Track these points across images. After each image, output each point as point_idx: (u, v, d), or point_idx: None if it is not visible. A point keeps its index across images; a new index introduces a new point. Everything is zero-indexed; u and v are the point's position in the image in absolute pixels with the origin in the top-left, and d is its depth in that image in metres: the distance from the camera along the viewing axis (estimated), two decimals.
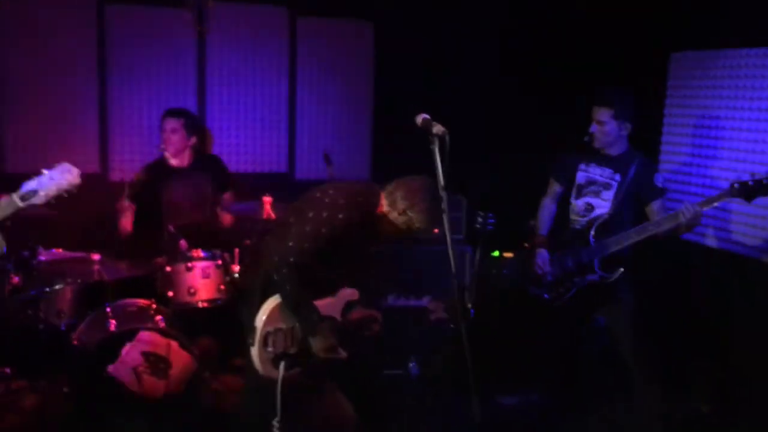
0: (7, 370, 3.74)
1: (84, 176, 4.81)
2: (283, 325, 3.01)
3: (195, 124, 4.63)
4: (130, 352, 3.48)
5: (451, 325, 2.62)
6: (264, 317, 2.97)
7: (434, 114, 4.63)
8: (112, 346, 3.47)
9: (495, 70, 5.43)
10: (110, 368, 3.44)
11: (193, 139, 4.55)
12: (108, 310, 3.75)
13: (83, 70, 4.90)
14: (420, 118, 2.52)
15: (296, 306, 2.97)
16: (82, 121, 4.92)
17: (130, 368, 3.47)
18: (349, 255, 3.12)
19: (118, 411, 3.45)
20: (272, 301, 2.99)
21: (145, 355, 3.51)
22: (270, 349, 2.96)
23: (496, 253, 4.85)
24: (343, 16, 5.49)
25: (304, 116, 5.50)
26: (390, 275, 4.64)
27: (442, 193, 2.38)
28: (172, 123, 4.43)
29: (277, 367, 2.95)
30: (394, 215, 2.99)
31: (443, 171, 2.39)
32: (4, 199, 2.18)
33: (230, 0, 5.10)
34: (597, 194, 3.88)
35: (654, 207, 3.72)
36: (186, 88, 5.15)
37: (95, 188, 4.84)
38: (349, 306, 3.15)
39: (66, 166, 2.27)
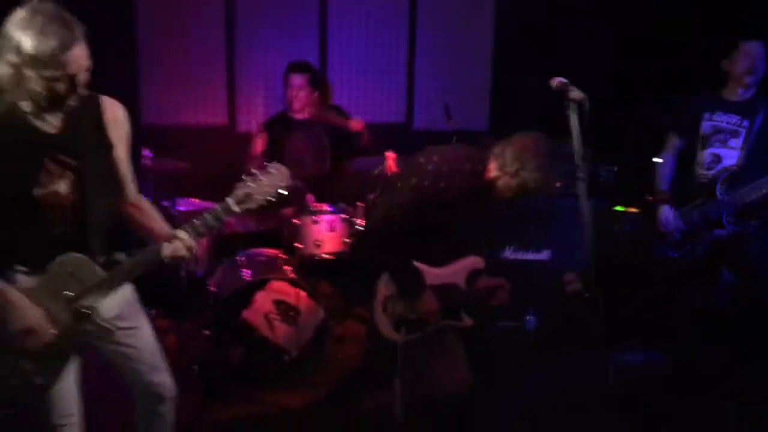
0: (153, 312, 4.05)
1: (213, 128, 5.12)
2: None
3: (318, 79, 4.71)
4: (263, 300, 3.68)
5: (586, 294, 2.55)
6: (384, 282, 3.02)
7: (556, 61, 4.51)
8: (246, 293, 3.68)
9: (623, 14, 5.17)
10: (244, 314, 3.66)
11: (317, 94, 4.63)
12: (241, 259, 3.97)
13: (212, 26, 5.05)
14: (555, 81, 2.42)
15: (393, 269, 2.98)
16: (211, 74, 5.10)
17: (262, 314, 3.68)
18: (460, 223, 3.05)
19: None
20: None
21: (276, 303, 3.70)
22: (389, 312, 3.02)
23: (620, 208, 4.72)
24: None
25: (423, 65, 5.47)
26: (508, 228, 4.60)
27: (580, 163, 2.29)
28: (298, 79, 4.51)
29: (398, 331, 3.01)
30: (505, 179, 2.84)
31: (581, 139, 2.31)
32: (220, 205, 2.20)
33: None
34: (724, 143, 3.75)
35: None
36: (308, 39, 5.22)
37: (224, 140, 5.11)
38: (474, 274, 3.12)
39: (276, 166, 2.24)
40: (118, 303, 2.37)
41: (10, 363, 2.17)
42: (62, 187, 2.14)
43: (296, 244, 3.99)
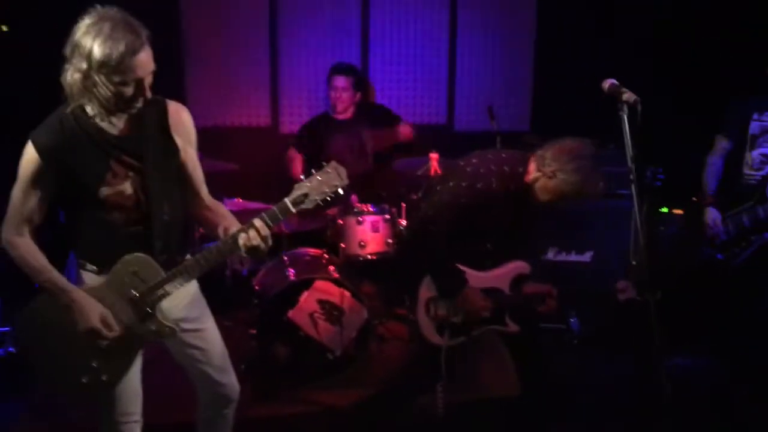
0: None
1: (257, 129, 5.19)
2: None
3: (361, 81, 4.77)
4: (308, 300, 3.73)
5: (638, 298, 2.51)
6: (425, 284, 3.02)
7: (599, 63, 4.44)
8: (291, 293, 3.73)
9: (667, 16, 5.10)
10: (290, 313, 3.71)
11: (359, 95, 4.69)
12: (285, 258, 4.02)
13: (256, 28, 5.09)
14: (607, 84, 2.40)
15: (433, 270, 2.98)
16: (255, 76, 5.15)
17: (307, 314, 3.73)
18: (500, 226, 3.03)
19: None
20: None
21: (321, 302, 3.75)
22: (432, 315, 3.02)
23: (665, 210, 4.67)
24: None
25: (464, 67, 5.46)
26: (551, 229, 4.58)
27: (631, 166, 2.27)
28: (342, 81, 4.59)
29: (441, 335, 3.01)
30: (544, 181, 2.84)
31: (633, 142, 2.28)
32: (277, 206, 2.20)
33: None
34: None
35: None
36: (350, 41, 5.25)
37: (268, 140, 5.18)
38: (519, 279, 3.11)
39: (333, 166, 2.19)
40: (184, 304, 2.41)
41: (79, 360, 2.24)
42: (127, 187, 2.21)
43: (340, 244, 4.02)
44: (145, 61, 2.06)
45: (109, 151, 2.18)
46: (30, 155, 2.13)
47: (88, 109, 2.14)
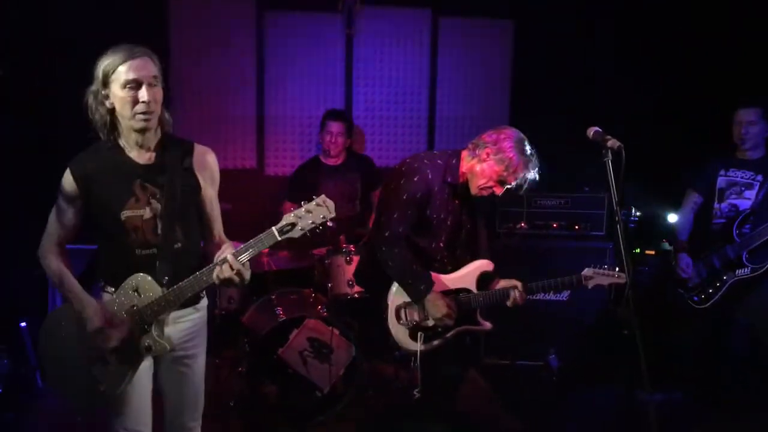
0: None
1: (242, 170, 5.28)
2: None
3: (352, 126, 4.93)
4: (298, 337, 3.80)
5: (625, 332, 2.62)
6: (393, 292, 3.17)
7: (573, 112, 4.60)
8: (283, 331, 3.80)
9: (640, 68, 5.33)
10: (280, 351, 3.78)
11: (349, 140, 4.85)
12: (273, 297, 4.10)
13: (244, 73, 5.22)
14: (591, 131, 2.51)
15: (400, 276, 3.10)
16: (242, 119, 5.27)
17: (297, 352, 3.80)
18: (447, 220, 3.18)
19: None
20: None
21: (310, 340, 3.83)
22: (403, 322, 3.15)
23: (637, 250, 4.86)
24: (485, 16, 5.50)
25: (443, 114, 5.60)
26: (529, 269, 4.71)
27: (617, 209, 2.40)
28: (337, 126, 4.74)
29: (416, 339, 3.14)
30: (479, 165, 3.02)
31: (618, 187, 2.39)
32: (264, 234, 2.27)
33: (377, 3, 5.28)
34: (740, 194, 3.97)
35: None
36: (334, 87, 5.38)
37: (253, 182, 5.27)
38: (485, 277, 3.23)
39: (322, 199, 2.28)
40: (186, 332, 2.53)
41: (81, 368, 2.41)
42: (146, 212, 2.39)
43: (328, 284, 4.11)
44: (142, 65, 2.29)
45: (134, 178, 2.38)
46: (67, 180, 2.37)
47: (120, 142, 2.39)
